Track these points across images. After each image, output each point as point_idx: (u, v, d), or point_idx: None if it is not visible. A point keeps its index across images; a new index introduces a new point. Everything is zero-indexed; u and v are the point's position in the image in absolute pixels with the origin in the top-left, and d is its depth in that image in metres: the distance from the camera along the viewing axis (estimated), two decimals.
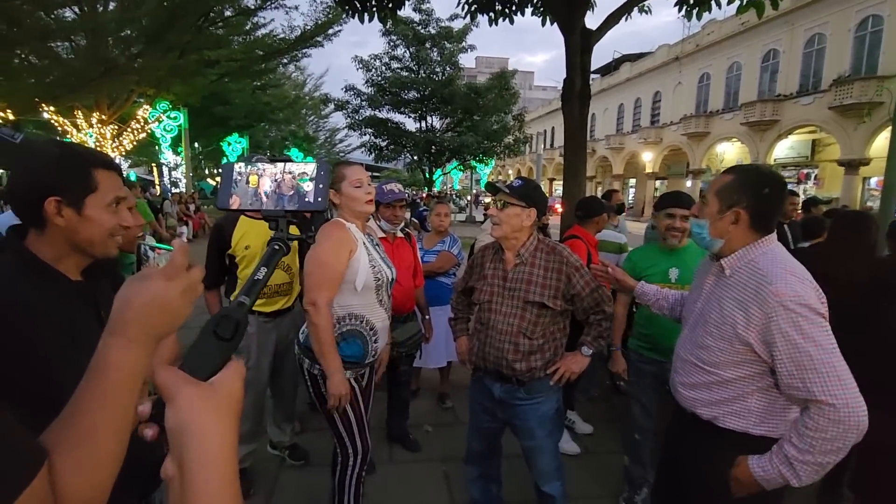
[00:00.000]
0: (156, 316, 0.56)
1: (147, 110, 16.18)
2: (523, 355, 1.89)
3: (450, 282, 3.54)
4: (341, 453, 1.97)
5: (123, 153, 16.49)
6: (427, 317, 3.04)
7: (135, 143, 16.29)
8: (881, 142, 17.48)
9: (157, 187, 19.21)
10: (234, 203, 0.72)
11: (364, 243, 1.90)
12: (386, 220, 2.72)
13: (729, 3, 5.07)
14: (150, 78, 13.40)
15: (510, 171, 51.44)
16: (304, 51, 17.98)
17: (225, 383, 0.48)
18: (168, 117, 18.20)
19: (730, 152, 25.68)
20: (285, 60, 20.40)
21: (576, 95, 5.30)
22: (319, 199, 0.74)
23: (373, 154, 21.10)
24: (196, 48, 13.65)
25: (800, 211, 5.21)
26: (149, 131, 17.10)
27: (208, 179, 31.83)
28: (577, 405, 3.39)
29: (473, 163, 21.38)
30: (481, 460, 2.20)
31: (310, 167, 0.74)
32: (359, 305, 1.88)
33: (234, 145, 24.43)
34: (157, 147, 20.27)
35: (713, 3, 5.19)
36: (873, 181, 18.61)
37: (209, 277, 2.49)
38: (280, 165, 0.74)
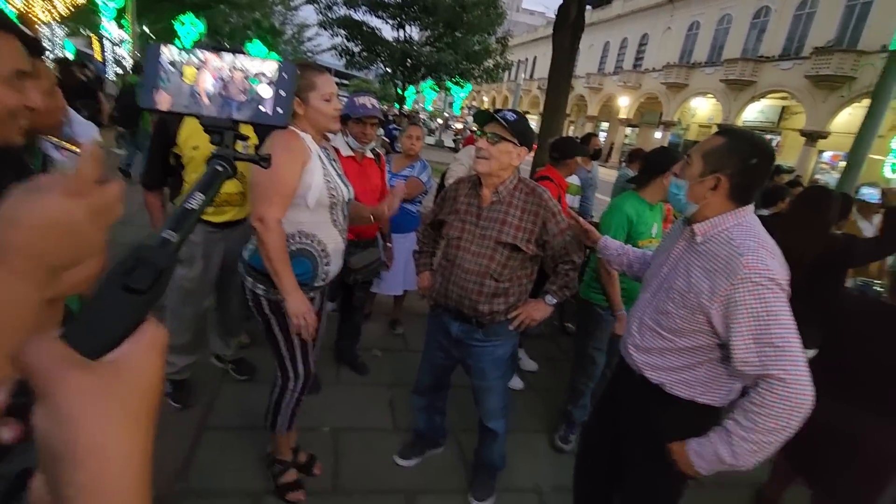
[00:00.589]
0: (52, 243, 0.41)
1: None
2: (487, 297, 1.84)
3: (415, 209, 3.42)
4: (282, 376, 1.90)
5: (57, 18, 14.41)
6: (389, 244, 2.93)
7: (71, 8, 14.22)
8: (844, 117, 18.00)
9: (95, 63, 17.17)
10: (163, 102, 0.54)
11: (319, 156, 1.71)
12: (354, 136, 2.49)
13: None
14: None
15: (485, 98, 49.71)
16: None
17: (133, 360, 0.31)
18: None
19: (703, 108, 25.77)
20: None
21: (569, 24, 4.98)
22: (280, 111, 0.57)
23: (344, 59, 19.56)
24: None
25: None
26: None
27: None
28: (524, 342, 3.50)
29: (449, 84, 20.32)
30: (429, 393, 2.23)
31: (269, 66, 0.57)
32: (310, 223, 1.73)
33: (189, 27, 21.85)
34: (98, 16, 17.82)
35: None
36: (827, 155, 19.38)
37: (151, 177, 2.24)
38: (228, 58, 0.56)
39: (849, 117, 17.64)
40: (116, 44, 20.30)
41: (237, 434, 2.32)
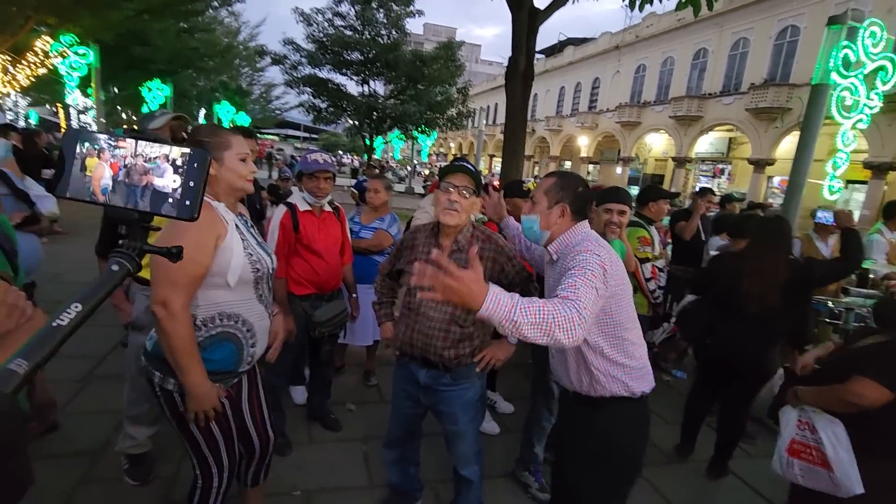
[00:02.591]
0: None
1: (48, 42, 14.12)
2: (453, 343, 1.86)
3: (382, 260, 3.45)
4: (202, 474, 1.64)
5: (18, 89, 14.41)
6: (354, 295, 2.93)
7: (32, 78, 14.26)
8: (786, 145, 19.23)
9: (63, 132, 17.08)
10: (69, 190, 0.55)
11: (237, 226, 1.55)
12: (309, 192, 2.55)
13: None
14: (51, 5, 11.68)
15: (452, 145, 51.23)
16: None
17: None
18: (75, 53, 16.01)
19: (658, 144, 27.16)
20: (216, 3, 18.55)
21: (519, 75, 5.28)
22: (188, 203, 0.54)
23: (311, 115, 20.04)
24: None
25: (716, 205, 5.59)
26: (51, 67, 14.99)
27: (125, 126, 28.85)
28: (497, 385, 3.48)
29: (415, 133, 20.97)
30: (401, 444, 2.18)
31: (177, 152, 0.55)
32: (232, 302, 1.53)
33: (156, 92, 22.07)
34: (62, 85, 17.89)
35: None
36: (776, 180, 20.52)
37: (105, 245, 2.22)
38: (130, 143, 0.54)
39: (790, 145, 18.87)
40: (82, 111, 20.29)
41: None
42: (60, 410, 2.70)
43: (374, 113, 19.20)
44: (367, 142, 20.74)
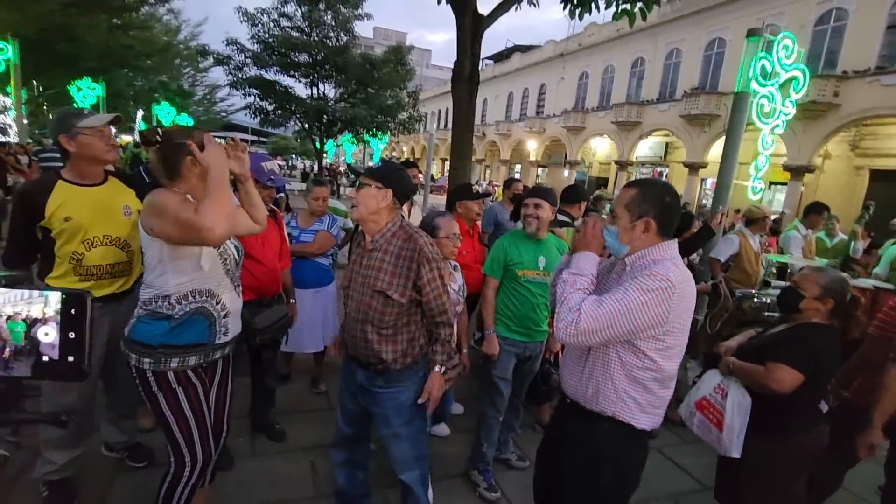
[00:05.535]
0: None
1: None
2: (371, 344, 1.85)
3: (327, 263, 3.38)
4: (175, 461, 1.70)
5: None
6: (292, 300, 2.85)
7: None
8: (716, 149, 20.56)
9: None
10: None
11: None
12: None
13: (607, 8, 5.42)
14: None
15: (404, 148, 51.09)
16: None
17: None
18: None
19: (601, 148, 28.30)
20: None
21: (465, 79, 5.35)
22: (70, 360, 0.42)
23: (258, 118, 19.34)
24: None
25: None
26: None
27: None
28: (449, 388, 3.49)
29: (367, 136, 20.72)
30: (348, 444, 2.14)
31: (45, 304, 0.41)
32: (206, 279, 1.64)
33: (86, 91, 20.56)
34: None
35: (593, 5, 5.51)
36: (708, 182, 21.91)
37: (16, 255, 2.04)
38: None
39: (719, 149, 20.16)
40: (0, 111, 18.68)
41: None
42: None
43: (324, 116, 18.81)
44: (318, 145, 20.29)
